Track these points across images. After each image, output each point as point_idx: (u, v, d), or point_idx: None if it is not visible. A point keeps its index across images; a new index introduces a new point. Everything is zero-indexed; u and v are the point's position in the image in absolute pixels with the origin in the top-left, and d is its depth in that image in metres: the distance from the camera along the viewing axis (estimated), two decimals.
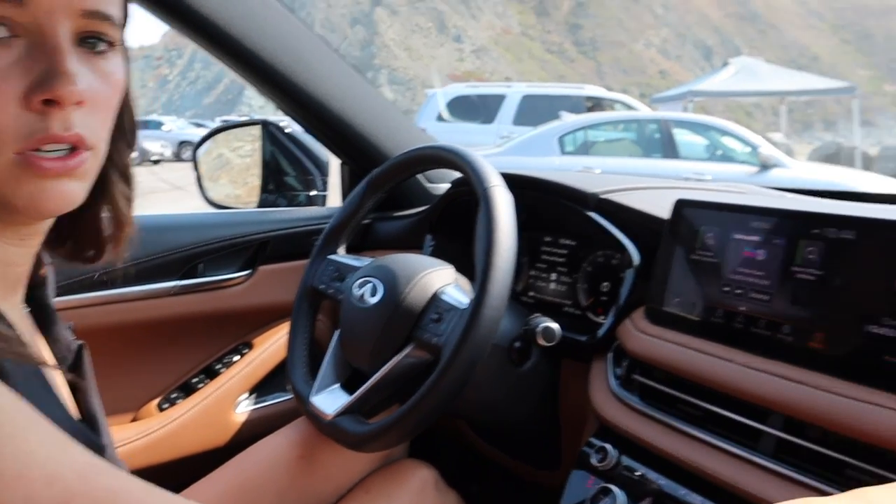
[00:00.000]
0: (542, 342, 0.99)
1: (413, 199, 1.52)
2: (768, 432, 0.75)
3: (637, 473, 0.86)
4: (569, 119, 7.75)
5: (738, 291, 0.82)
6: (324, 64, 1.31)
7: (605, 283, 1.12)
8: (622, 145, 7.92)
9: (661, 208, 0.97)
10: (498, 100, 10.05)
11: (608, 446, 0.89)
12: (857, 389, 0.69)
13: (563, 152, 7.34)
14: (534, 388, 1.08)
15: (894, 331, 0.68)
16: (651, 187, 1.14)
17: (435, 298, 0.95)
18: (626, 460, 0.88)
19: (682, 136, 7.65)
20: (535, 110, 9.70)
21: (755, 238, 0.82)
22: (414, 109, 10.57)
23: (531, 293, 1.28)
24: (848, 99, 14.20)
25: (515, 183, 1.19)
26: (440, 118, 9.84)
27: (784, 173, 6.80)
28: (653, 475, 0.84)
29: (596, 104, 10.19)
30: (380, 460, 1.07)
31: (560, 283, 1.22)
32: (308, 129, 1.44)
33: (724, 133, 7.77)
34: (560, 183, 1.13)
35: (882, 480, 0.66)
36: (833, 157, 13.58)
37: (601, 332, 1.01)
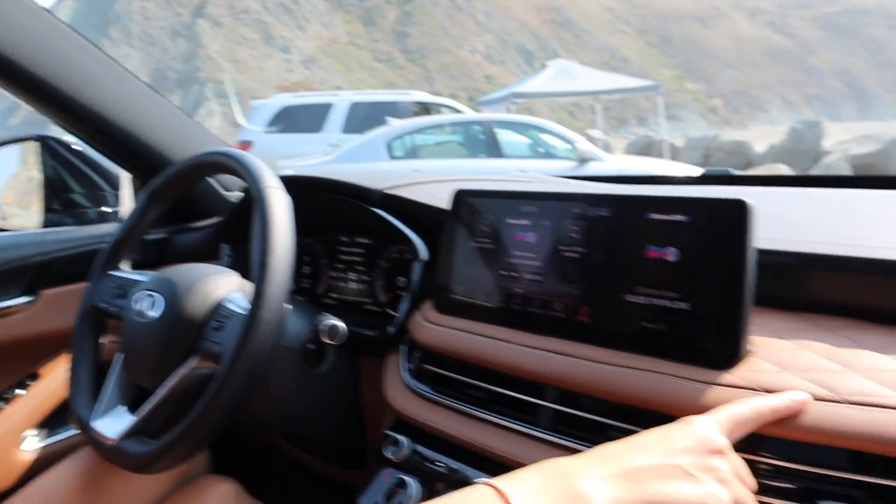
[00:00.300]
0: (328, 341, 0.98)
1: (211, 209, 1.46)
2: (545, 406, 0.78)
3: (432, 461, 0.87)
4: (395, 124, 7.82)
5: (514, 274, 0.85)
6: (96, 70, 1.23)
7: (402, 278, 1.13)
8: (449, 147, 8.10)
9: (444, 200, 0.98)
10: (326, 108, 9.98)
11: (402, 438, 0.90)
12: (618, 356, 0.73)
13: (392, 157, 7.40)
14: (333, 388, 1.07)
15: (648, 298, 0.73)
16: (437, 181, 1.16)
17: (217, 306, 0.91)
18: (422, 450, 0.89)
19: (505, 136, 7.94)
20: (363, 118, 9.72)
21: (525, 222, 0.85)
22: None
23: (333, 294, 1.27)
24: (655, 96, 15.31)
25: (302, 184, 1.18)
26: (268, 130, 9.64)
27: (600, 166, 7.24)
28: (446, 461, 0.85)
29: (423, 109, 10.35)
30: (176, 480, 1.02)
31: (359, 281, 1.22)
32: (86, 142, 1.35)
33: (545, 131, 8.15)
34: (345, 181, 1.12)
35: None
36: (646, 149, 14.64)
37: (392, 326, 1.02)
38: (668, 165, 7.89)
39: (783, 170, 12.01)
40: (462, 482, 0.82)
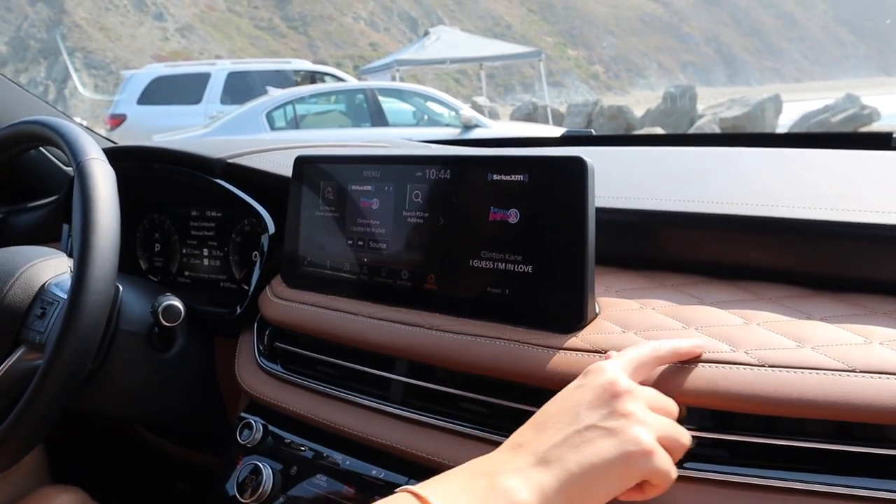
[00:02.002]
0: (165, 322, 0.91)
1: (51, 186, 1.35)
2: (395, 379, 0.75)
3: (286, 443, 0.82)
4: (275, 94, 7.59)
5: (360, 243, 0.81)
6: None
7: (256, 253, 1.07)
8: (332, 117, 7.95)
9: (289, 168, 0.93)
10: (203, 79, 9.55)
11: (254, 420, 0.85)
12: (466, 324, 0.71)
13: (273, 128, 7.19)
14: (187, 372, 1.00)
15: (493, 262, 0.70)
16: (284, 148, 1.10)
17: (42, 292, 0.83)
18: (277, 431, 0.84)
19: (389, 104, 7.86)
20: (242, 88, 9.37)
21: (369, 187, 0.81)
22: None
23: (187, 273, 1.19)
24: (538, 63, 15.52)
25: (140, 156, 1.09)
26: (141, 101, 9.14)
27: (485, 132, 7.27)
28: (299, 441, 0.81)
29: (305, 78, 10.10)
30: (9, 495, 0.93)
31: (213, 257, 1.15)
32: None
33: (429, 99, 8.11)
34: (183, 151, 1.04)
35: (489, 407, 0.69)
36: (531, 115, 14.86)
37: (242, 304, 0.96)
38: (549, 131, 8.02)
39: (658, 132, 12.48)
40: (318, 463, 0.78)
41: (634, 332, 0.63)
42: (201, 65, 10.62)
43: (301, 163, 0.88)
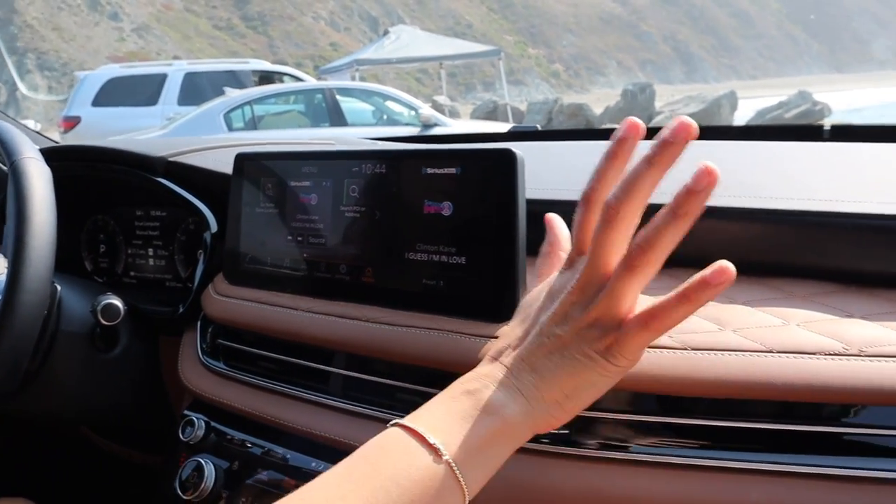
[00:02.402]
0: (105, 321, 0.90)
1: None
2: (335, 373, 0.75)
3: (228, 439, 0.83)
4: (233, 94, 7.52)
5: (300, 238, 0.82)
6: None
7: (201, 251, 1.06)
8: (291, 117, 7.90)
9: (230, 166, 0.93)
10: (159, 80, 9.42)
11: (197, 417, 0.85)
12: (402, 316, 0.72)
13: (231, 129, 7.13)
14: (130, 372, 1.00)
15: (428, 254, 0.71)
16: (225, 146, 1.10)
17: None
18: (220, 428, 0.85)
19: (348, 104, 7.83)
20: (200, 88, 9.27)
21: (307, 183, 0.81)
22: None
23: (132, 273, 1.18)
24: (498, 61, 15.60)
25: (81, 156, 1.08)
26: (96, 103, 8.98)
27: (444, 131, 7.29)
28: (242, 437, 0.82)
29: (263, 78, 10.02)
30: None
31: (158, 257, 1.14)
32: None
33: (388, 98, 8.10)
34: (124, 150, 1.04)
35: (426, 397, 0.69)
36: (491, 113, 14.94)
37: (185, 303, 0.96)
38: (504, 128, 8.08)
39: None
40: (260, 458, 0.79)
41: None
42: (158, 65, 10.46)
43: (241, 160, 0.88)
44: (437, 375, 0.68)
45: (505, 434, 0.49)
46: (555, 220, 0.63)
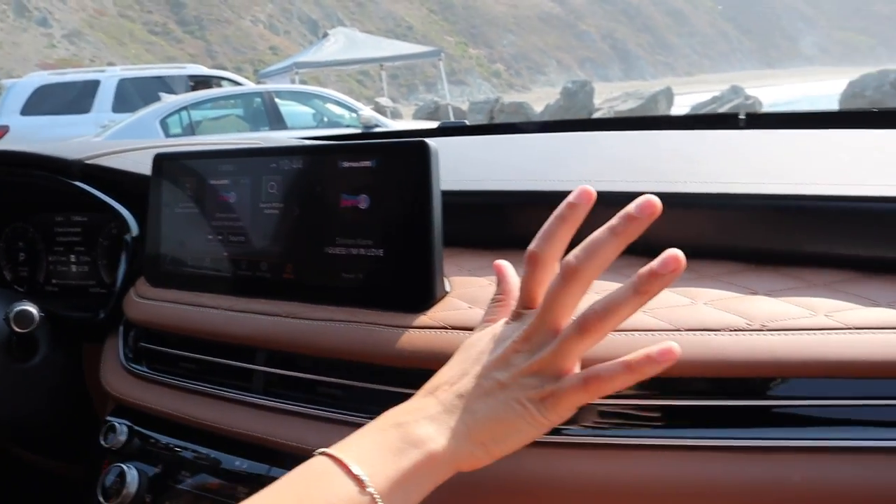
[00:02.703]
0: (18, 329, 0.88)
1: None
2: (256, 370, 0.75)
3: (151, 442, 0.81)
4: (169, 100, 7.38)
5: (220, 237, 0.81)
6: None
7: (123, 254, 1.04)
8: (229, 122, 7.79)
9: (149, 167, 0.91)
10: (92, 86, 9.18)
11: (119, 423, 0.83)
12: (322, 310, 0.72)
13: (168, 135, 6.99)
14: (51, 380, 0.97)
15: (346, 248, 0.71)
16: (144, 147, 1.08)
17: None
18: (143, 432, 0.83)
19: (287, 107, 7.76)
20: (135, 94, 9.07)
21: (226, 182, 0.81)
22: None
23: (55, 281, 1.15)
24: (439, 62, 15.63)
25: None
26: (25, 112, 8.71)
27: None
28: (165, 440, 0.80)
29: (200, 83, 9.85)
30: None
31: (81, 263, 1.11)
32: None
33: (328, 100, 8.06)
34: (38, 153, 1.01)
35: (347, 390, 0.70)
36: (433, 114, 14.97)
37: (105, 307, 0.94)
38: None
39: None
40: (183, 460, 0.78)
41: (481, 307, 0.65)
42: (90, 72, 10.19)
43: (159, 160, 0.86)
44: (357, 368, 0.68)
45: (429, 469, 0.49)
46: (506, 270, 0.63)
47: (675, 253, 0.50)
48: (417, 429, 0.50)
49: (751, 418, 0.58)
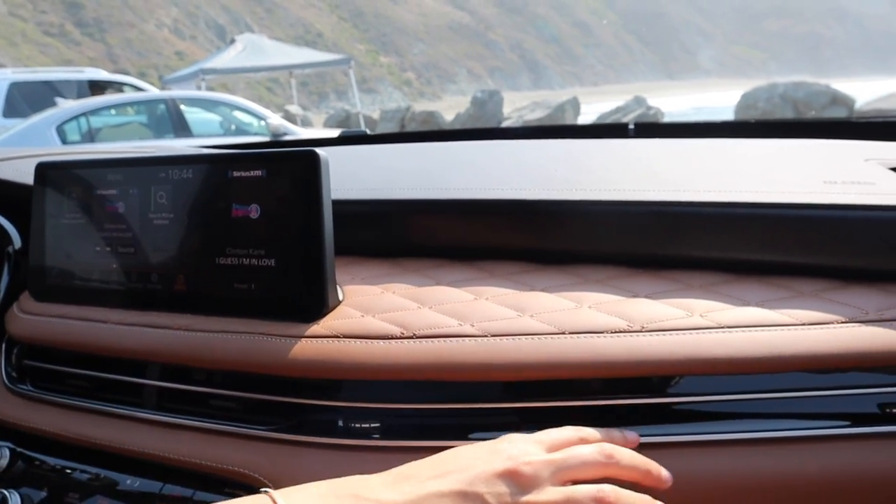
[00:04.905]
0: None
1: None
2: (147, 384, 0.73)
3: (36, 465, 0.78)
4: (66, 105, 7.07)
5: (108, 249, 0.78)
6: None
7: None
8: (131, 129, 7.52)
9: (31, 176, 0.88)
10: None
11: (1, 446, 0.79)
12: (215, 322, 0.70)
13: (66, 142, 6.70)
14: None
15: (238, 258, 0.70)
16: (28, 156, 1.04)
17: None
18: (28, 454, 0.79)
19: (193, 115, 7.57)
20: (29, 99, 8.65)
21: (113, 191, 0.78)
22: None
23: None
24: (349, 70, 15.55)
25: None
26: None
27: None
28: (53, 462, 0.77)
29: (101, 88, 9.48)
30: None
31: None
32: None
33: (236, 108, 7.90)
34: None
35: (241, 402, 0.69)
36: (344, 122, 14.89)
37: None
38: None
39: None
40: (71, 481, 0.75)
41: (373, 316, 0.66)
42: None
43: (43, 169, 0.83)
44: (252, 380, 0.68)
45: None
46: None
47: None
48: None
49: (641, 416, 0.61)
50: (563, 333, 0.61)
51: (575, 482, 0.52)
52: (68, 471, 0.76)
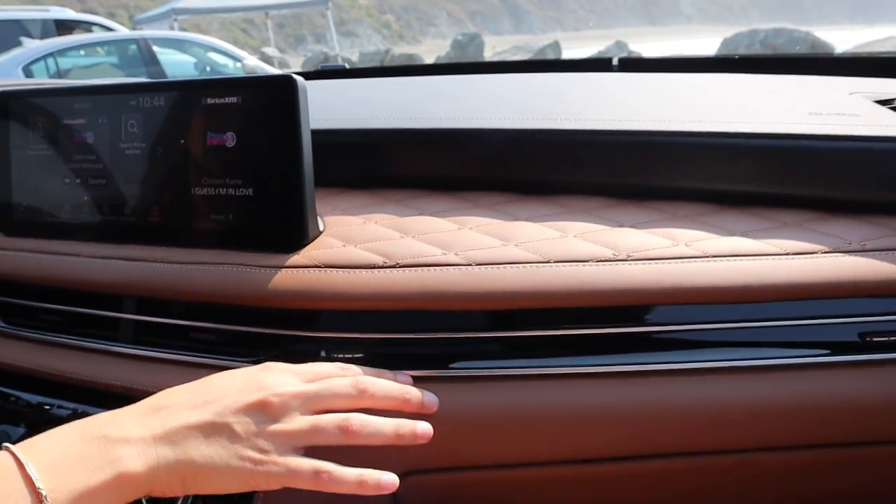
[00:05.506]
0: None
1: None
2: (123, 318, 0.72)
3: (11, 400, 0.77)
4: (32, 45, 6.86)
5: (78, 181, 0.76)
6: None
7: None
8: (101, 70, 7.34)
9: None
10: None
11: None
12: (191, 254, 0.69)
13: None
14: None
15: (214, 188, 0.68)
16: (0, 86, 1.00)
17: None
18: (4, 391, 0.78)
19: (167, 56, 7.39)
20: None
21: (81, 121, 0.75)
22: None
23: None
24: (327, 12, 15.20)
25: None
26: None
27: None
28: (27, 398, 0.76)
29: (68, 28, 9.19)
30: None
31: None
32: None
33: (210, 49, 7.73)
34: None
35: (219, 334, 0.68)
36: (323, 64, 14.60)
37: None
38: None
39: None
40: (46, 416, 0.74)
41: (355, 245, 0.65)
42: None
43: (4, 99, 0.80)
44: (230, 311, 0.66)
45: (118, 490, 0.47)
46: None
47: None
48: (122, 448, 0.48)
49: (623, 344, 0.61)
50: (549, 262, 0.60)
51: (328, 413, 0.54)
52: (46, 406, 0.74)
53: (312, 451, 0.53)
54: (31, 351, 0.76)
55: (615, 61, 1.16)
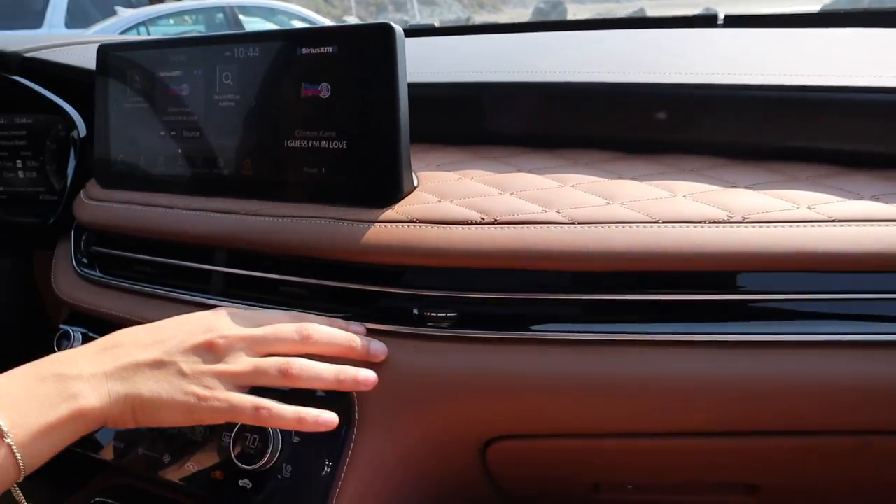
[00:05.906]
0: None
1: None
2: (215, 271, 0.71)
3: None
4: (125, 14, 7.06)
5: (173, 133, 0.76)
6: None
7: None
8: None
9: (94, 60, 0.85)
10: (42, 1, 8.70)
11: (73, 330, 0.79)
12: (284, 207, 0.68)
13: None
14: (2, 289, 0.93)
15: (307, 140, 0.67)
16: (88, 42, 1.01)
17: None
18: (97, 338, 0.80)
19: (252, 24, 7.49)
20: (88, 9, 8.64)
21: (177, 73, 0.75)
22: None
23: (1, 188, 1.09)
24: None
25: None
26: None
27: None
28: None
29: None
30: None
31: (29, 168, 1.05)
32: None
33: (294, 17, 7.79)
34: None
35: (309, 289, 0.67)
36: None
37: (55, 212, 0.89)
38: None
39: None
40: None
41: (451, 201, 0.62)
42: None
43: (104, 52, 0.80)
44: (321, 266, 0.65)
45: (75, 424, 0.49)
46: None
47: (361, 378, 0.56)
48: (76, 384, 0.50)
49: (733, 313, 0.57)
50: (657, 222, 0.57)
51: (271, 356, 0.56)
52: None
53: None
54: (126, 300, 0.77)
55: (720, 18, 1.09)
